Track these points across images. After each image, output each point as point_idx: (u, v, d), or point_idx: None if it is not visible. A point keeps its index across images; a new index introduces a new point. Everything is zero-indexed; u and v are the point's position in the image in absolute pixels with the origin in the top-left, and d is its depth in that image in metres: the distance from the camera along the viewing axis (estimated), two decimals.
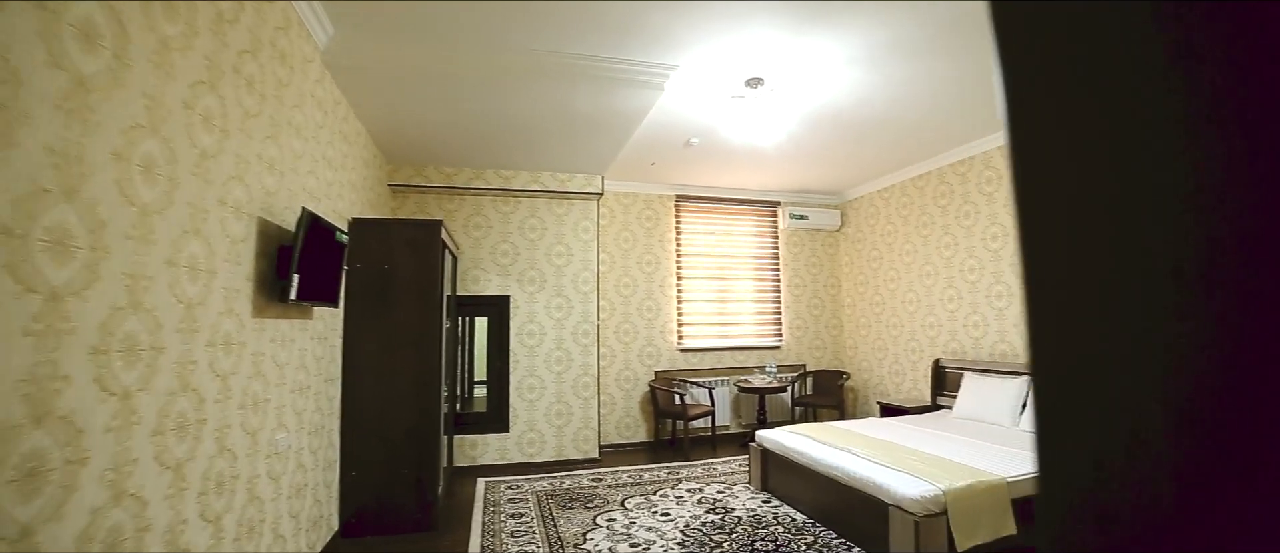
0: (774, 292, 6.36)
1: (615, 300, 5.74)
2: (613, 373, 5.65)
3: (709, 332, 6.07)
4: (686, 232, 6.08)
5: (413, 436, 3.46)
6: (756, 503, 3.85)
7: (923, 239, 5.30)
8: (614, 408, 5.63)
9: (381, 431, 3.42)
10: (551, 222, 5.12)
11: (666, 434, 5.71)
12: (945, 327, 5.03)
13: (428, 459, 3.47)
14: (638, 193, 5.90)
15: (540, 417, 4.94)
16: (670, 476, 4.57)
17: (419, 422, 3.48)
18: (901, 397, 5.49)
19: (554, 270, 5.07)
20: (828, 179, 5.87)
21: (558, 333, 5.03)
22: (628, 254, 5.82)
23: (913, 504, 2.71)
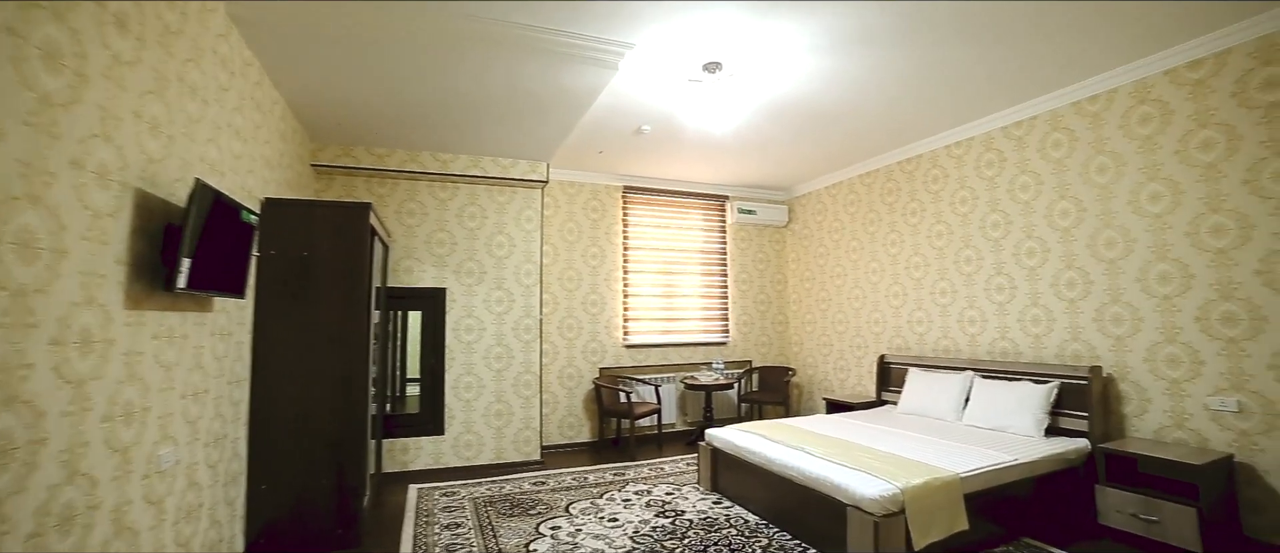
0: (721, 287, 6.27)
1: (559, 294, 5.47)
2: (555, 370, 5.39)
3: (655, 328, 5.91)
4: (634, 224, 5.88)
5: (335, 441, 3.08)
6: (707, 505, 3.71)
7: (869, 236, 5.34)
8: (557, 407, 5.37)
9: (298, 437, 3.03)
10: (492, 210, 4.78)
11: (611, 434, 5.51)
12: (890, 323, 5.08)
13: (352, 467, 3.11)
14: (584, 182, 5.65)
15: (478, 417, 4.62)
16: (616, 477, 4.36)
17: (343, 426, 3.10)
18: (846, 393, 5.52)
19: (494, 262, 4.75)
20: (778, 174, 5.82)
21: (498, 328, 4.71)
22: (572, 246, 5.56)
23: (871, 504, 2.62)
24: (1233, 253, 2.98)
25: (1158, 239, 3.26)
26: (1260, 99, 2.90)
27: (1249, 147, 2.94)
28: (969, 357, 4.32)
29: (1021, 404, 3.59)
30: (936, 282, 4.63)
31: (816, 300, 6.06)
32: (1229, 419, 2.97)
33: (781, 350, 6.47)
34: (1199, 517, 2.69)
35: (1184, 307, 3.14)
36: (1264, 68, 2.90)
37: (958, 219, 4.45)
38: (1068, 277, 3.69)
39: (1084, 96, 3.60)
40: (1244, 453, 2.92)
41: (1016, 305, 3.99)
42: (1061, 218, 3.73)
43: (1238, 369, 2.95)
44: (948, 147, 4.52)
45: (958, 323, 4.43)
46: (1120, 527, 2.96)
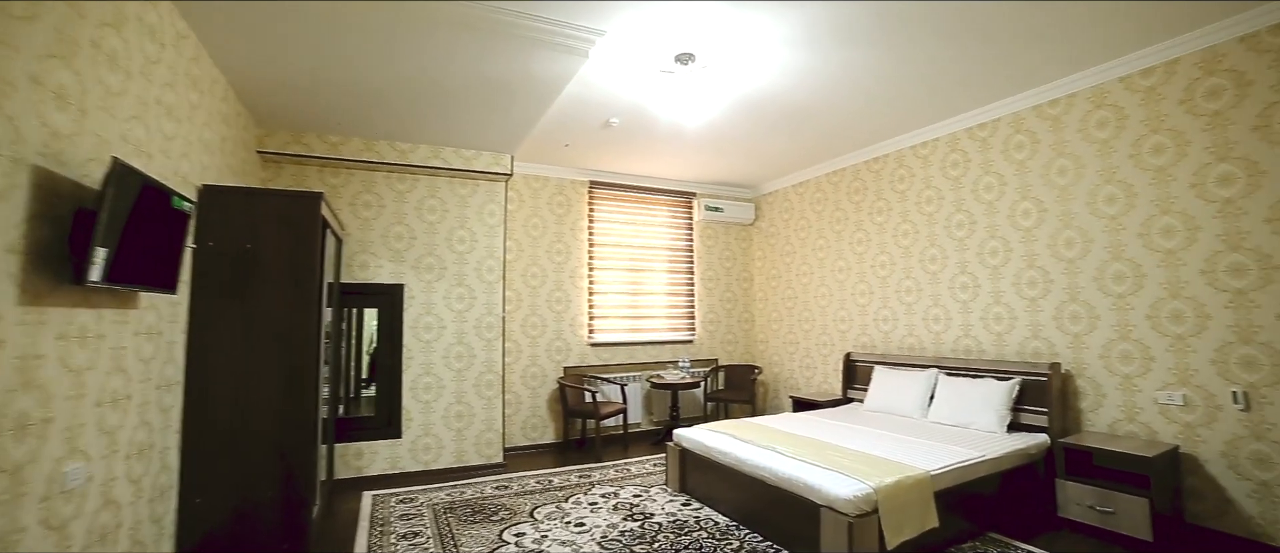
0: (688, 285, 6.20)
1: (522, 291, 5.28)
2: (518, 370, 5.20)
3: (621, 326, 5.79)
4: (600, 220, 5.74)
5: (282, 448, 2.85)
6: (676, 506, 3.62)
7: (836, 235, 5.36)
8: (520, 408, 5.19)
9: (240, 444, 2.78)
10: (454, 203, 4.57)
11: (576, 434, 5.36)
12: (856, 321, 5.11)
13: (300, 475, 2.88)
14: (549, 177, 5.48)
15: (437, 419, 4.40)
16: (582, 479, 4.23)
17: (290, 431, 2.87)
18: (813, 391, 5.53)
19: (455, 257, 4.53)
20: (745, 172, 5.78)
21: (458, 326, 4.51)
22: (537, 242, 5.39)
23: (845, 505, 2.58)
24: (1180, 253, 3.07)
25: (1113, 240, 3.34)
26: (1205, 107, 3.00)
27: (1195, 152, 3.03)
28: (933, 354, 4.37)
29: (985, 401, 3.63)
30: (902, 280, 4.67)
31: (783, 299, 6.06)
32: (1175, 412, 3.07)
33: (747, 349, 6.45)
34: (1151, 507, 2.76)
35: (1136, 305, 3.23)
36: (1208, 77, 2.99)
37: (923, 218, 4.49)
38: (1029, 276, 3.76)
39: (1045, 100, 3.67)
40: (1188, 444, 3.02)
41: (980, 304, 4.05)
42: (1023, 218, 3.80)
43: (1184, 365, 3.04)
44: (914, 147, 4.57)
45: (923, 321, 4.48)
46: (1079, 519, 3.01)
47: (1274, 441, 2.77)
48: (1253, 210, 2.85)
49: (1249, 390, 2.84)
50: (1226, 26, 2.92)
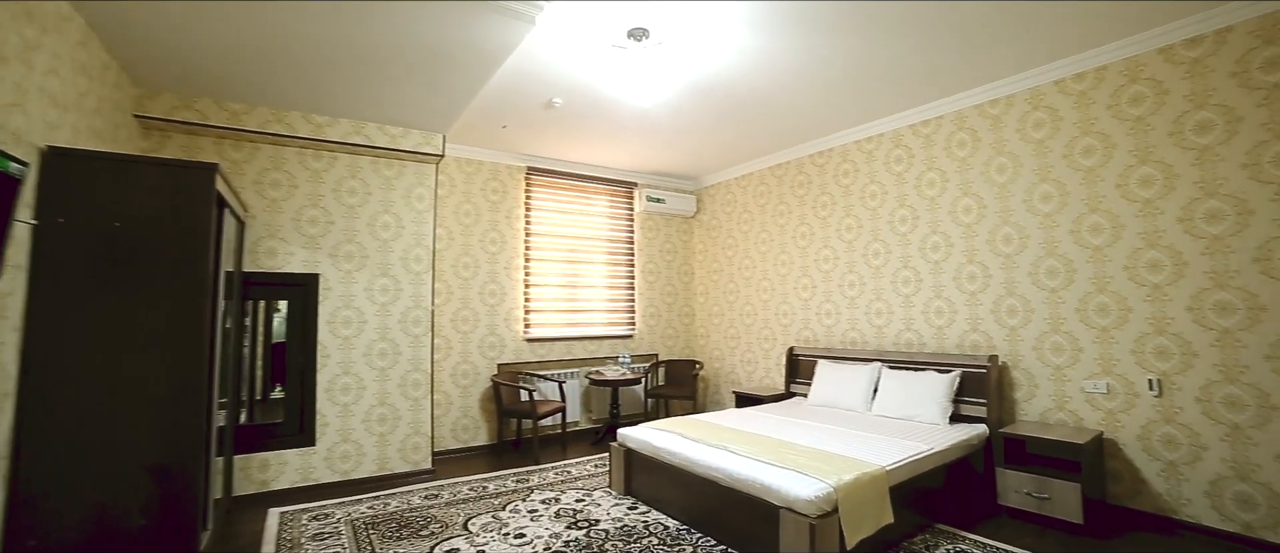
0: (628, 277, 6.04)
1: (453, 283, 4.93)
2: (448, 368, 4.85)
3: (559, 320, 5.55)
4: (537, 208, 5.46)
5: (160, 466, 2.41)
6: (622, 511, 3.45)
7: (779, 228, 5.37)
8: (449, 408, 4.84)
9: (101, 466, 2.32)
10: (378, 185, 4.15)
11: (511, 435, 5.08)
12: (799, 315, 5.14)
13: (186, 496, 2.46)
14: (484, 161, 5.13)
15: (357, 424, 3.99)
16: (520, 484, 3.98)
17: (173, 446, 2.44)
18: (754, 385, 5.53)
19: (379, 245, 4.13)
20: (688, 163, 5.69)
21: (382, 321, 4.11)
22: (469, 230, 5.04)
23: (806, 505, 2.51)
24: (1106, 250, 3.25)
25: (1047, 236, 3.50)
26: (1129, 112, 3.18)
27: (1120, 154, 3.21)
28: (876, 348, 4.45)
29: (928, 394, 3.72)
30: (845, 274, 4.73)
31: (724, 292, 6.03)
32: (1099, 400, 3.25)
33: (688, 343, 6.39)
34: (1082, 491, 2.90)
35: (1067, 299, 3.40)
36: (1132, 85, 3.18)
37: (867, 213, 4.56)
38: (969, 270, 3.88)
39: (986, 100, 3.79)
40: (1110, 430, 3.21)
41: (922, 298, 4.16)
42: (964, 214, 3.92)
43: (1108, 355, 3.23)
44: (859, 141, 4.63)
45: (865, 315, 4.56)
46: (1017, 506, 3.12)
47: (1181, 424, 2.98)
48: (1168, 211, 3.05)
49: (1162, 378, 3.04)
50: (1148, 38, 3.10)
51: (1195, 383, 2.95)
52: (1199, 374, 2.94)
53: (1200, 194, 2.96)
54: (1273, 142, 2.77)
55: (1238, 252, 2.85)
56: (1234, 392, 2.84)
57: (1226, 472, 2.86)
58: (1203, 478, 2.92)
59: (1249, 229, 2.82)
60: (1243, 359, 2.82)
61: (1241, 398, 2.82)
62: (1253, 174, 2.82)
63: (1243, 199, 2.84)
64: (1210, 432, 2.90)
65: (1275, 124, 2.77)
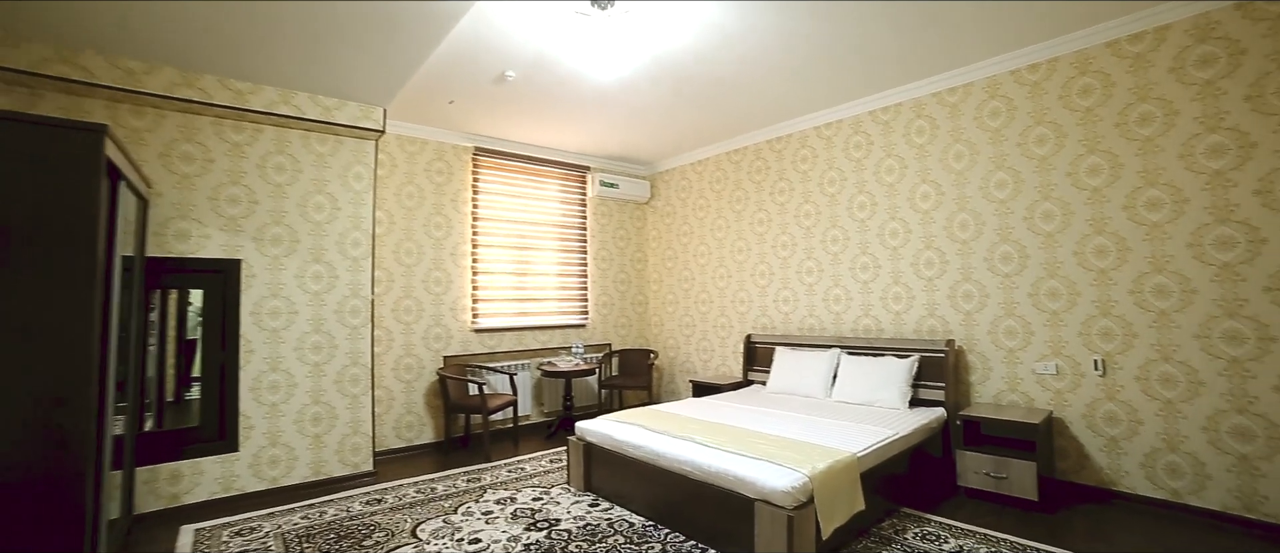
0: (580, 265, 5.85)
1: (395, 271, 4.58)
2: (390, 361, 4.52)
3: (508, 309, 5.30)
4: (485, 191, 5.18)
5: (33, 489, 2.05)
6: (582, 508, 3.31)
7: (736, 215, 5.33)
8: (392, 405, 4.52)
9: None
10: (310, 162, 3.77)
11: (459, 431, 4.81)
12: (756, 303, 5.13)
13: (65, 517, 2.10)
14: (428, 139, 4.80)
15: (288, 425, 3.63)
16: (471, 484, 3.75)
17: (48, 459, 2.07)
18: (711, 374, 5.50)
19: (312, 229, 3.75)
20: (643, 147, 5.55)
21: (316, 311, 3.75)
22: (412, 214, 4.70)
23: (782, 497, 2.45)
24: (1057, 236, 3.39)
25: (1002, 223, 3.61)
26: (1079, 103, 3.31)
27: (1071, 144, 3.34)
28: (834, 334, 4.50)
29: (888, 378, 3.77)
30: (803, 261, 4.75)
31: (678, 280, 5.96)
32: (1049, 381, 3.40)
33: (641, 333, 6.28)
34: (1037, 470, 3.01)
35: (1021, 284, 3.52)
36: (1081, 76, 3.30)
37: (825, 199, 4.58)
38: (926, 256, 3.96)
39: (944, 88, 3.86)
40: (1058, 409, 3.36)
41: (880, 284, 4.22)
42: (922, 201, 3.99)
43: (1057, 338, 3.37)
44: (818, 127, 4.63)
45: (823, 301, 4.59)
46: (976, 486, 3.21)
47: (1122, 401, 3.15)
48: (1114, 198, 3.20)
49: (1106, 358, 3.20)
50: (1096, 32, 3.22)
51: (1135, 362, 3.12)
52: (1138, 354, 3.11)
53: (1142, 183, 3.11)
54: (1205, 134, 2.94)
55: (1173, 238, 3.02)
56: (1168, 369, 3.02)
57: (1159, 444, 3.04)
58: (1139, 451, 3.10)
59: (1184, 217, 2.99)
60: (1176, 339, 3.00)
61: (1174, 375, 3.00)
62: (1187, 164, 2.99)
63: (1178, 188, 3.01)
64: (1147, 407, 3.08)
65: (1207, 118, 2.94)
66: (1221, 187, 2.90)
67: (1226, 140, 2.89)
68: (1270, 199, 2.78)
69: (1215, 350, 2.90)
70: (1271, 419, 2.76)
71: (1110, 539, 2.74)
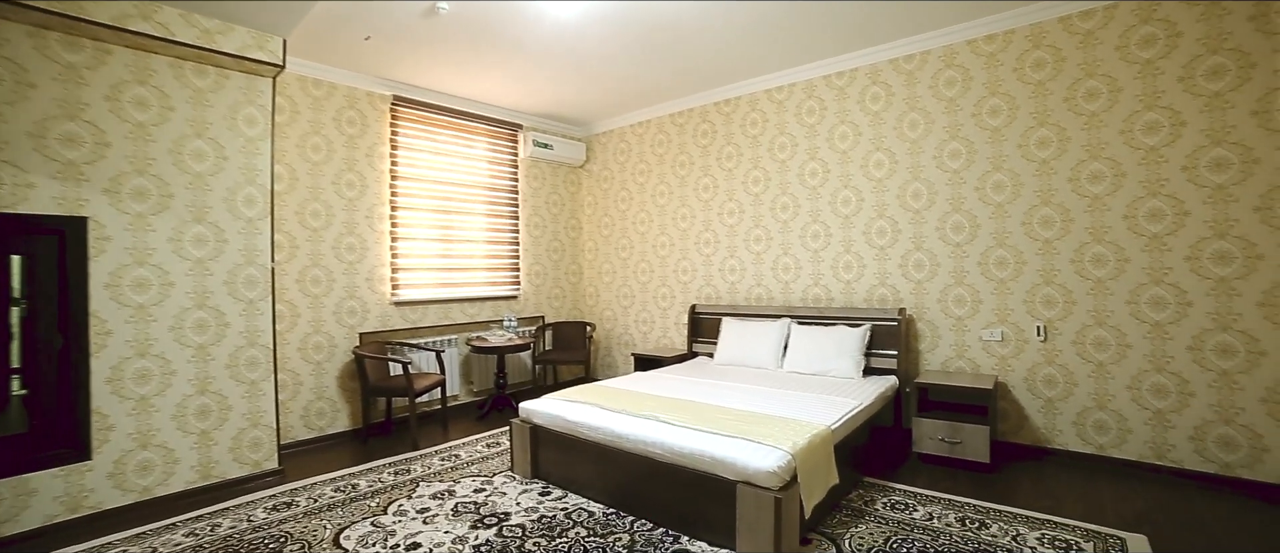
0: (512, 231, 5.36)
1: (299, 235, 3.89)
2: (295, 340, 3.86)
3: (433, 280, 4.74)
4: (406, 147, 4.53)
5: None
6: (533, 499, 2.97)
7: (680, 181, 5.06)
8: (299, 390, 3.88)
9: None
10: (184, 99, 3.01)
11: (379, 416, 4.26)
12: (700, 272, 4.93)
13: None
14: (337, 83, 4.07)
15: (165, 422, 2.95)
16: (400, 477, 3.29)
17: None
18: (652, 346, 5.27)
19: (190, 182, 3.02)
20: (579, 105, 5.10)
21: (199, 282, 3.05)
22: (319, 170, 3.99)
23: (768, 478, 2.26)
24: (1007, 206, 3.43)
25: (955, 193, 3.61)
26: (1032, 76, 3.33)
27: (1023, 116, 3.37)
28: (783, 304, 4.40)
29: (840, 348, 3.71)
30: (751, 229, 4.58)
31: (616, 249, 5.63)
32: (995, 347, 3.48)
33: (576, 304, 5.92)
34: (990, 433, 3.06)
35: (971, 253, 3.55)
36: (1035, 50, 3.32)
37: (776, 166, 4.42)
38: (878, 225, 3.92)
39: (902, 55, 3.77)
40: (1002, 374, 3.46)
41: (831, 253, 4.14)
42: (876, 169, 3.92)
43: (1004, 305, 3.44)
44: (769, 90, 4.43)
45: (772, 270, 4.47)
46: (931, 452, 3.23)
47: (1060, 365, 3.28)
48: (1061, 170, 3.26)
49: (1047, 324, 3.31)
50: (1051, 6, 3.23)
51: (1073, 328, 3.24)
52: (1076, 320, 3.23)
53: (1087, 156, 3.19)
54: (1144, 111, 3.04)
55: (1112, 210, 3.13)
56: (1102, 334, 3.16)
57: (1090, 403, 3.20)
58: (1072, 411, 3.25)
59: (1121, 190, 3.10)
60: (1110, 305, 3.14)
61: (1106, 339, 3.15)
62: (1126, 140, 3.09)
63: (1118, 162, 3.11)
64: (1081, 370, 3.22)
65: (1147, 95, 3.03)
66: (1155, 163, 3.02)
67: (1161, 118, 3.00)
68: (1195, 175, 2.93)
69: (1142, 315, 3.06)
70: (1184, 377, 2.96)
71: (1055, 496, 2.83)
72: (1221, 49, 2.87)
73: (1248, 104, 2.82)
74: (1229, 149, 2.86)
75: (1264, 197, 2.80)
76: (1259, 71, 2.80)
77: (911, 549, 2.39)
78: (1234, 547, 2.35)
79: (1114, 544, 2.38)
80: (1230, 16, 2.85)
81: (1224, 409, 2.89)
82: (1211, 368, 2.91)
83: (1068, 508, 2.70)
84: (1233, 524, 2.52)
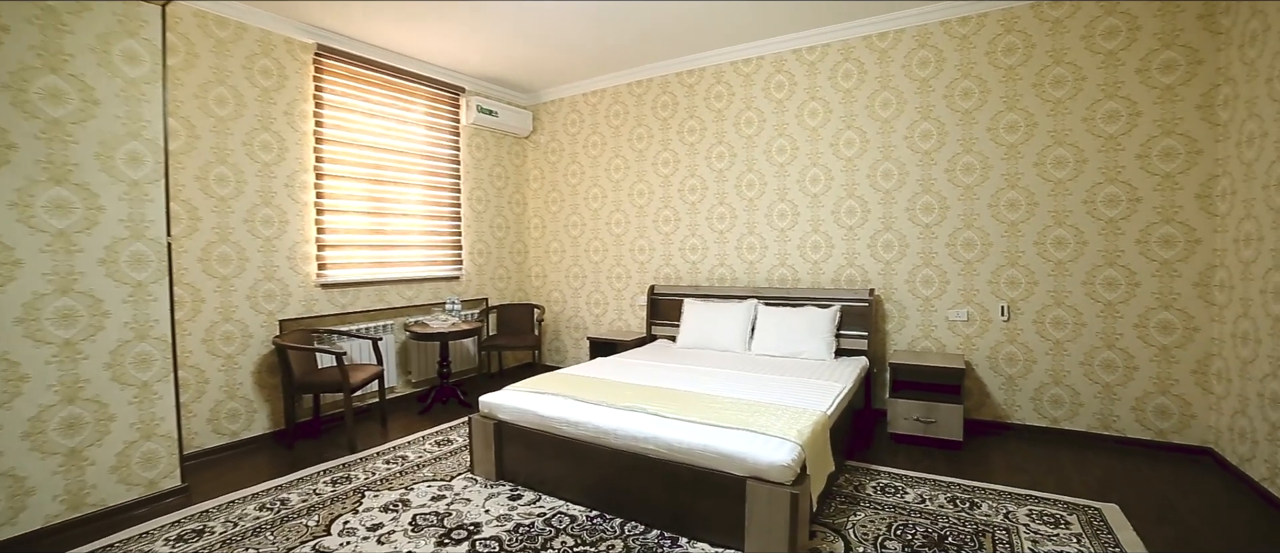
0: (453, 205, 4.79)
1: (202, 205, 3.17)
2: (198, 330, 3.17)
3: (365, 259, 4.12)
4: (333, 106, 3.85)
5: None
6: (502, 505, 2.60)
7: (637, 155, 4.72)
8: (206, 390, 3.20)
9: None
10: (24, 17, 2.26)
11: (306, 414, 3.65)
12: (659, 251, 4.65)
13: None
14: (248, 24, 3.33)
15: (12, 442, 2.26)
16: (340, 488, 2.79)
17: None
18: (607, 330, 4.94)
19: (43, 130, 2.29)
20: (529, 69, 4.60)
21: (63, 260, 2.35)
22: (226, 128, 3.27)
23: (781, 472, 2.05)
24: (976, 189, 3.41)
25: (925, 174, 3.55)
26: (1003, 61, 3.31)
27: (994, 100, 3.34)
28: (747, 284, 4.21)
29: (811, 329, 3.59)
30: (714, 206, 4.35)
31: (566, 226, 5.22)
32: (960, 327, 3.48)
33: (520, 285, 5.46)
34: (964, 412, 3.05)
35: (939, 234, 3.52)
36: (1007, 35, 3.29)
37: (742, 141, 4.19)
38: (848, 205, 3.80)
39: (875, 32, 3.63)
40: (967, 353, 3.47)
41: (798, 232, 3.99)
42: (846, 148, 3.79)
43: (970, 286, 3.45)
44: (736, 63, 4.17)
45: (736, 250, 4.27)
46: (906, 432, 3.18)
47: (1021, 343, 3.33)
48: (1027, 155, 3.27)
49: (1010, 304, 3.34)
50: None
51: (1034, 308, 3.29)
52: (1037, 300, 3.28)
53: (1052, 142, 3.21)
54: (1104, 100, 3.09)
55: (1073, 194, 3.18)
56: (1060, 313, 3.23)
57: (1047, 379, 3.28)
58: (1031, 387, 3.32)
59: (1082, 175, 3.15)
60: (1068, 286, 3.21)
61: (1064, 318, 3.22)
62: (1089, 127, 3.13)
63: (1081, 148, 3.15)
64: (1040, 347, 3.29)
65: (1108, 85, 3.08)
66: (1113, 150, 3.09)
67: (1120, 108, 3.06)
68: (1148, 163, 3.02)
69: (1096, 295, 3.15)
70: (1130, 352, 3.08)
71: (1026, 470, 2.85)
72: (1174, 44, 2.95)
73: (1194, 98, 2.92)
74: (1177, 139, 2.96)
75: (1203, 185, 2.92)
76: (1204, 68, 2.90)
77: (915, 535, 2.28)
78: (1185, 505, 2.46)
79: (1093, 516, 2.41)
80: (1182, 14, 2.92)
81: (1162, 381, 3.04)
82: (1153, 344, 3.04)
83: (1043, 482, 2.72)
84: (1176, 486, 2.64)
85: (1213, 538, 2.24)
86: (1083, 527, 2.32)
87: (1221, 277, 2.86)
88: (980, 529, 2.32)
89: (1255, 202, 2.59)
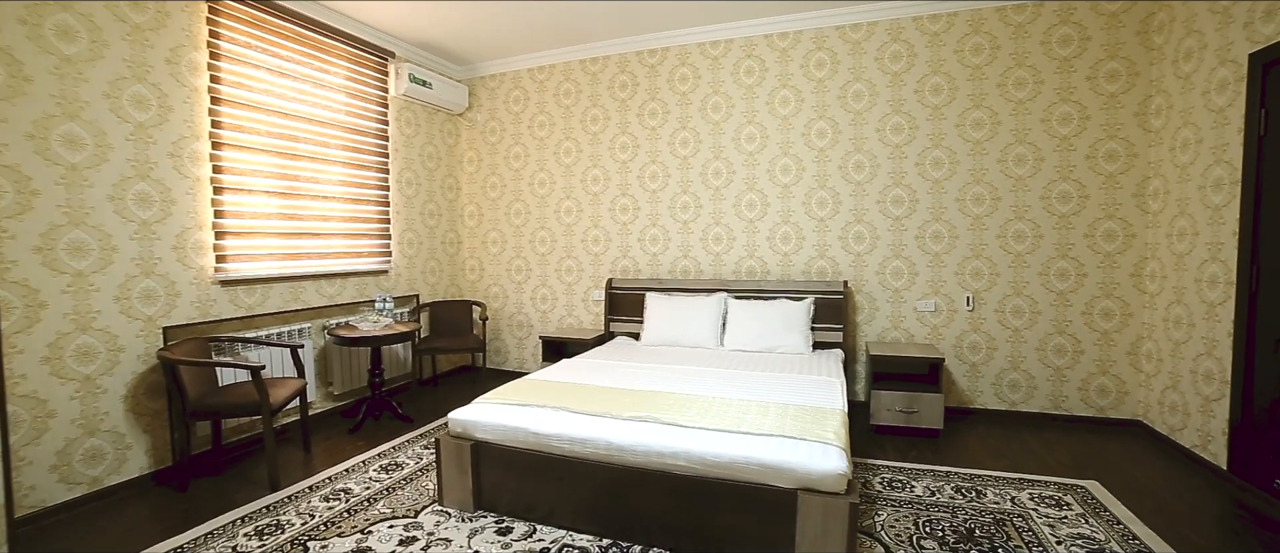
0: (380, 187, 4.06)
1: (41, 175, 2.28)
2: (36, 347, 2.29)
3: (275, 248, 3.32)
4: (234, 59, 3.02)
5: None
6: (492, 542, 2.15)
7: (591, 138, 4.29)
8: (49, 426, 2.33)
9: None
10: None
11: (202, 445, 2.85)
12: (616, 242, 4.27)
13: None
14: None
15: None
16: (268, 540, 2.16)
17: None
18: (556, 328, 4.47)
19: None
20: (468, 36, 3.99)
21: None
22: (77, 72, 2.38)
23: (835, 481, 1.84)
24: (944, 182, 3.44)
25: (896, 167, 3.51)
26: (971, 60, 3.35)
27: (961, 97, 3.38)
28: (713, 277, 3.97)
29: (787, 323, 3.43)
30: (677, 195, 4.05)
31: (507, 214, 4.66)
32: (928, 317, 3.51)
33: (454, 280, 4.81)
34: (944, 401, 3.05)
35: (909, 226, 3.51)
36: (974, 35, 3.33)
37: (708, 127, 3.93)
38: (819, 196, 3.69)
39: (848, 23, 3.53)
40: (934, 342, 3.51)
41: (767, 223, 3.82)
42: (818, 138, 3.67)
43: (938, 277, 3.48)
44: (702, 44, 3.89)
45: (701, 241, 4.01)
46: (888, 423, 3.13)
47: (984, 332, 3.42)
48: (991, 152, 3.35)
49: (975, 295, 3.42)
50: None
51: (996, 297, 3.38)
52: (999, 290, 3.38)
53: (1013, 140, 3.30)
54: (1060, 103, 3.22)
55: (1032, 190, 3.29)
56: (1018, 302, 3.35)
57: (1006, 366, 3.39)
58: (992, 373, 3.42)
59: (1040, 173, 3.28)
60: (1026, 276, 3.33)
61: (1022, 307, 3.35)
62: (1046, 128, 3.25)
63: (1038, 148, 3.27)
64: (1001, 335, 3.39)
65: (1064, 89, 3.21)
66: (1066, 150, 3.23)
67: (1072, 111, 3.21)
68: (1095, 164, 3.19)
69: (1050, 285, 3.30)
70: (1078, 338, 3.27)
71: (1005, 454, 2.90)
72: (1117, 56, 3.13)
73: (1132, 106, 3.12)
74: (1118, 143, 3.15)
75: (1139, 185, 3.14)
76: (1140, 80, 3.10)
77: (943, 529, 2.18)
78: (1144, 475, 2.61)
79: (1084, 495, 2.47)
80: (1123, 28, 3.11)
81: (1103, 362, 3.25)
82: (1096, 329, 3.24)
83: (1025, 464, 2.77)
84: (1126, 458, 2.81)
85: (1176, 503, 2.38)
86: (1082, 507, 2.35)
87: (1152, 268, 3.09)
88: (998, 518, 2.27)
89: (1190, 201, 2.79)
